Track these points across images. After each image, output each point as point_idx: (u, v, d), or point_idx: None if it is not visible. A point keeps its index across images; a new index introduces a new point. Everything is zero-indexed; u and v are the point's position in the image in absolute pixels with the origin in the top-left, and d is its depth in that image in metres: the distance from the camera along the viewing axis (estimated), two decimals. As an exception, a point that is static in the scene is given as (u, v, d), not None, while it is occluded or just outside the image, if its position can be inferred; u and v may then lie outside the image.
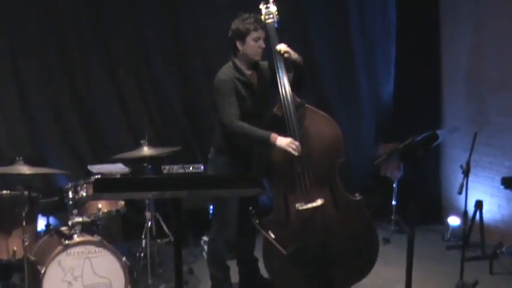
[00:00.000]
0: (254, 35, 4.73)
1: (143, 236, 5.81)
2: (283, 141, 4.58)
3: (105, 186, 2.54)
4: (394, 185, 6.94)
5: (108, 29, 6.97)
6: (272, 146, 4.60)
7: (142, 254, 5.76)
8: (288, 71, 4.80)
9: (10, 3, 6.60)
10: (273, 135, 4.61)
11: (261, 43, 4.79)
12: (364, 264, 4.92)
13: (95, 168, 5.90)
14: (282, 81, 4.74)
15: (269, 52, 4.85)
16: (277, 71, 4.77)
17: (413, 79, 7.43)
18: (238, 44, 4.77)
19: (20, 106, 6.73)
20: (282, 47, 4.76)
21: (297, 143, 4.59)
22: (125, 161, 5.96)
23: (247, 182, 2.62)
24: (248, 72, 4.84)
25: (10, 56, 6.66)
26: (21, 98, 6.73)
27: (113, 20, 6.97)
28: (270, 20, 4.90)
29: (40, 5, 6.71)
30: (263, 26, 4.79)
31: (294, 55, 4.78)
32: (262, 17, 4.90)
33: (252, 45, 4.76)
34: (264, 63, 4.96)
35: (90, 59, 6.95)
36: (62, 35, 6.82)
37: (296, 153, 4.58)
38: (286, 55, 4.73)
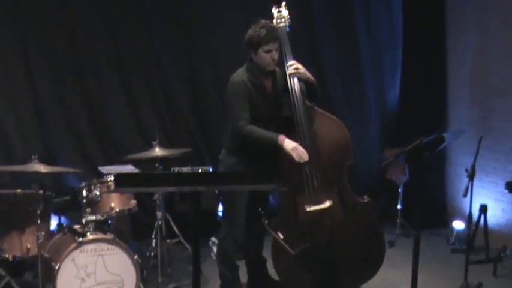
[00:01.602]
0: (265, 48, 4.75)
1: (153, 236, 5.89)
2: (289, 145, 4.66)
3: (126, 182, 2.64)
4: (399, 190, 7.01)
5: (119, 31, 7.05)
6: (280, 147, 4.68)
7: (152, 254, 5.85)
8: (299, 80, 4.87)
9: (23, 7, 6.68)
10: (281, 137, 4.69)
11: (273, 55, 4.80)
12: (371, 266, 5.00)
13: (105, 169, 5.99)
14: (292, 85, 4.82)
15: (280, 56, 4.90)
16: (288, 75, 4.84)
17: (419, 84, 7.52)
18: (251, 53, 4.84)
19: (31, 107, 6.80)
20: (292, 68, 4.83)
21: (301, 148, 4.67)
22: (136, 162, 6.05)
23: (262, 177, 2.70)
24: (262, 78, 4.91)
25: (22, 58, 6.73)
26: (32, 100, 6.80)
27: (123, 23, 7.05)
28: (281, 24, 4.97)
29: (52, 7, 6.79)
30: (275, 38, 4.78)
31: (305, 75, 4.86)
32: (274, 21, 4.98)
33: (264, 57, 4.80)
34: (280, 70, 5.02)
35: (101, 61, 7.03)
36: (73, 37, 6.90)
37: (299, 160, 4.66)
38: (296, 75, 4.82)
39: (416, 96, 7.52)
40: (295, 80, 4.83)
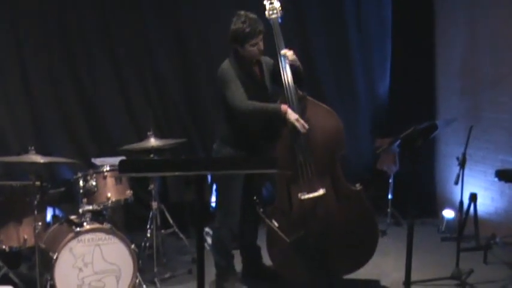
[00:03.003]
0: (251, 41, 4.83)
1: (148, 226, 5.93)
2: (292, 116, 4.73)
3: (130, 167, 2.70)
4: (390, 180, 7.08)
5: (112, 23, 7.08)
6: (283, 117, 4.74)
7: (147, 244, 5.89)
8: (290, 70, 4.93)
9: (18, 5, 6.71)
10: (283, 106, 4.76)
11: (259, 46, 4.88)
12: (364, 253, 5.09)
13: (98, 160, 6.02)
14: (285, 75, 4.89)
15: (272, 46, 4.97)
16: (280, 65, 4.91)
17: (408, 75, 7.58)
18: (238, 47, 4.89)
19: (24, 100, 6.83)
20: (289, 54, 4.91)
21: (302, 121, 4.75)
22: (130, 153, 6.09)
23: (263, 162, 2.77)
24: (249, 65, 4.98)
25: (15, 50, 6.76)
26: (25, 92, 6.82)
27: (116, 15, 7.08)
28: (274, 16, 5.04)
29: (47, 3, 6.83)
30: (259, 31, 4.84)
31: (297, 62, 4.95)
32: (266, 12, 5.03)
33: (251, 50, 4.87)
34: (266, 59, 5.09)
35: (94, 53, 7.06)
36: (65, 29, 6.93)
37: (303, 130, 4.74)
38: (292, 63, 4.90)
39: (406, 87, 7.59)
40: (288, 70, 4.89)
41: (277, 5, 5.09)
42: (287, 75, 4.89)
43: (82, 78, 7.05)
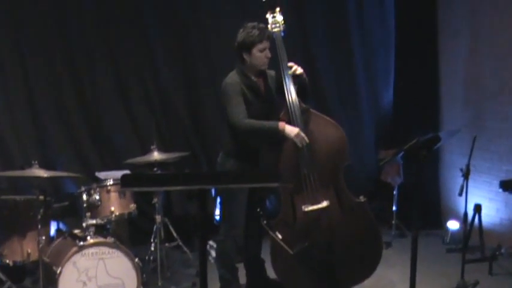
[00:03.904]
0: (259, 46, 4.86)
1: (152, 240, 5.92)
2: (292, 131, 4.72)
3: (132, 182, 2.69)
4: (394, 191, 7.06)
5: (115, 36, 7.09)
6: (281, 134, 4.73)
7: (151, 258, 5.88)
8: (293, 83, 4.94)
9: (20, 14, 6.73)
10: (281, 124, 4.75)
11: (267, 53, 4.91)
12: (368, 264, 5.05)
13: (102, 174, 6.03)
14: (288, 87, 4.88)
15: (275, 60, 4.97)
16: (283, 78, 4.91)
17: (412, 87, 7.58)
18: (244, 55, 4.91)
19: (29, 114, 6.83)
20: (295, 68, 4.92)
21: (303, 134, 4.74)
22: (134, 166, 6.09)
23: (268, 176, 2.77)
24: (254, 78, 4.99)
25: (20, 63, 6.78)
26: (30, 106, 6.83)
27: (120, 28, 7.09)
28: (276, 29, 5.04)
29: (49, 14, 6.85)
30: (267, 36, 4.90)
31: (303, 75, 4.97)
32: (269, 26, 5.03)
33: (258, 56, 4.89)
34: (271, 72, 5.10)
35: (98, 66, 7.07)
36: (70, 44, 6.94)
37: (301, 146, 4.74)
38: (299, 75, 4.92)
39: (410, 98, 7.59)
40: (291, 83, 4.90)
41: (279, 18, 5.09)
42: (290, 88, 4.89)
43: (85, 92, 7.05)
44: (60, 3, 6.88)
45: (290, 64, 4.94)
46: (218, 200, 6.52)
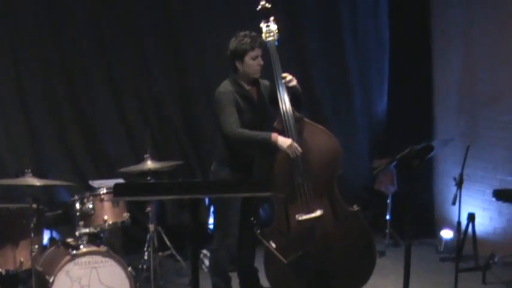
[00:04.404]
0: (251, 54, 4.88)
1: (145, 249, 5.91)
2: (285, 143, 4.72)
3: (125, 191, 2.69)
4: (388, 200, 7.05)
5: (109, 45, 7.08)
6: (273, 145, 4.74)
7: (144, 266, 5.87)
8: (287, 92, 4.95)
9: (13, 20, 6.72)
10: (274, 135, 4.76)
11: (259, 61, 4.93)
12: (362, 274, 5.05)
13: (95, 183, 6.01)
14: (282, 96, 4.90)
15: (268, 69, 4.99)
16: (277, 87, 4.92)
17: (406, 95, 7.60)
18: (237, 64, 4.92)
19: (22, 122, 6.81)
20: (290, 78, 4.94)
21: (296, 144, 4.74)
22: (127, 175, 6.08)
23: (260, 185, 2.77)
24: (247, 87, 5.00)
25: (13, 72, 6.76)
26: (23, 114, 6.81)
27: (114, 36, 7.09)
28: (270, 38, 5.05)
29: (43, 21, 6.84)
30: (259, 43, 4.92)
31: (297, 85, 4.98)
32: (263, 35, 5.05)
33: (251, 64, 4.91)
34: (264, 81, 5.12)
35: (92, 75, 7.06)
36: (63, 51, 6.93)
37: (293, 157, 4.74)
38: (292, 87, 4.93)
39: (404, 107, 7.61)
40: (285, 92, 4.91)
41: (273, 27, 5.10)
42: (284, 97, 4.90)
43: (79, 100, 7.04)
44: (56, 12, 6.88)
45: (284, 74, 4.95)
46: (212, 208, 6.51)
